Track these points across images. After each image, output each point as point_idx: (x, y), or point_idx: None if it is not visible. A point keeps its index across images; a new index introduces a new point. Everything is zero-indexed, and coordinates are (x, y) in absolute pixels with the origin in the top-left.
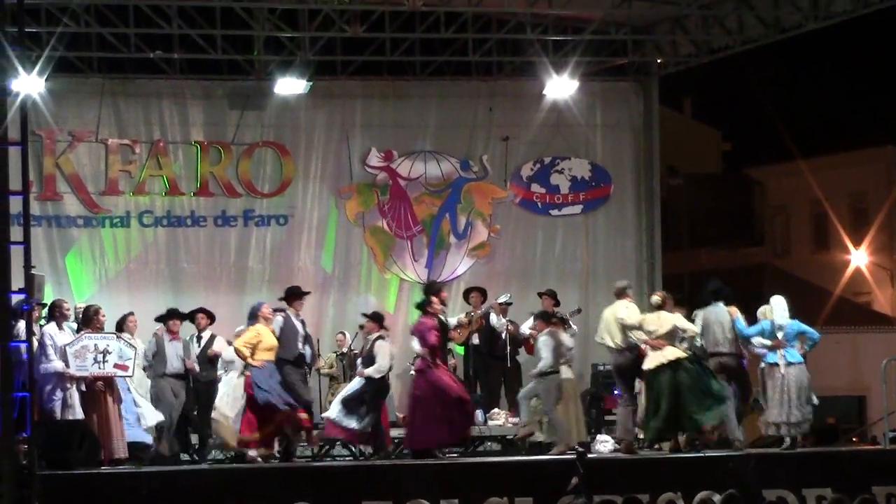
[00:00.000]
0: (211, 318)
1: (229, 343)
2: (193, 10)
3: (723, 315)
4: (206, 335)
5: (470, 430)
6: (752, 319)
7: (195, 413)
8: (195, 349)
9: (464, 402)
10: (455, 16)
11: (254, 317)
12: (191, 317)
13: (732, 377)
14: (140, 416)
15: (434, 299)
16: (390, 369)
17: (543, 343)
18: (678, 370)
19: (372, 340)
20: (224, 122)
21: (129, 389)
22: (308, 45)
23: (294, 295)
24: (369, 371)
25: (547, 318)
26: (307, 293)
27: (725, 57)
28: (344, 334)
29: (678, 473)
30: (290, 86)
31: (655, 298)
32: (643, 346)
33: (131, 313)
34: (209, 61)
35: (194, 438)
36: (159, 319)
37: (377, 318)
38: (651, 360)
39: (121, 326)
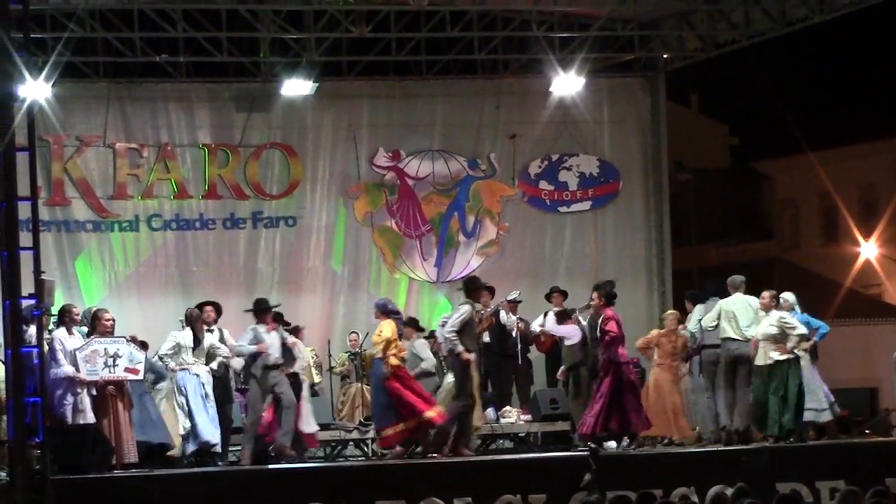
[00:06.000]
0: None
1: None
2: (198, 12)
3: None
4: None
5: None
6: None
7: None
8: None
9: None
10: (460, 14)
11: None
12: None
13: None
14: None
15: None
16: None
17: (422, 346)
18: None
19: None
20: (231, 125)
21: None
22: (314, 46)
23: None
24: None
25: (416, 325)
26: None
27: (732, 51)
28: (357, 334)
29: (691, 468)
30: (296, 87)
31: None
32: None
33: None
34: (215, 64)
35: None
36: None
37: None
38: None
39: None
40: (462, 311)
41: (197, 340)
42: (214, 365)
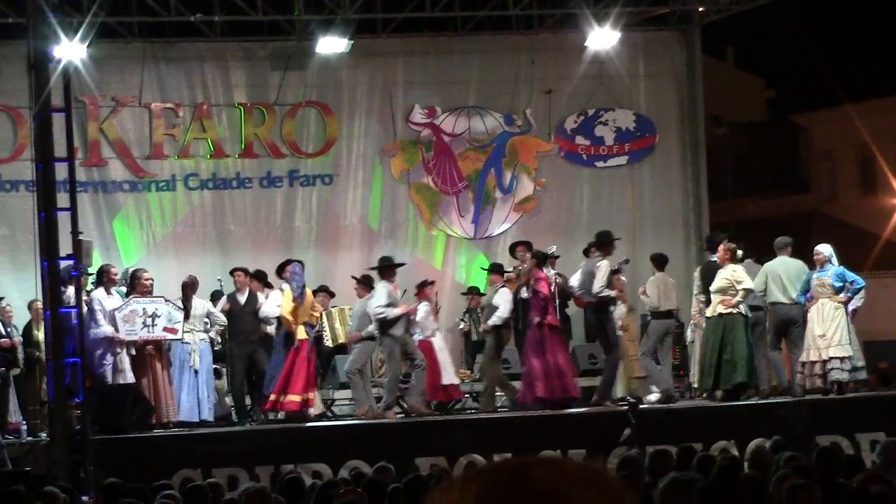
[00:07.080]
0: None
1: None
2: None
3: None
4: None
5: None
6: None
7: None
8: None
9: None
10: None
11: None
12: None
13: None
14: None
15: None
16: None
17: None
18: None
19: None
20: (266, 84)
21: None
22: (348, 4)
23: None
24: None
25: (369, 284)
26: None
27: (767, 3)
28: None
29: (731, 422)
30: (331, 45)
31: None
32: None
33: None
34: (250, 23)
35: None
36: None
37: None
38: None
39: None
40: (603, 267)
41: (185, 309)
42: (213, 333)
